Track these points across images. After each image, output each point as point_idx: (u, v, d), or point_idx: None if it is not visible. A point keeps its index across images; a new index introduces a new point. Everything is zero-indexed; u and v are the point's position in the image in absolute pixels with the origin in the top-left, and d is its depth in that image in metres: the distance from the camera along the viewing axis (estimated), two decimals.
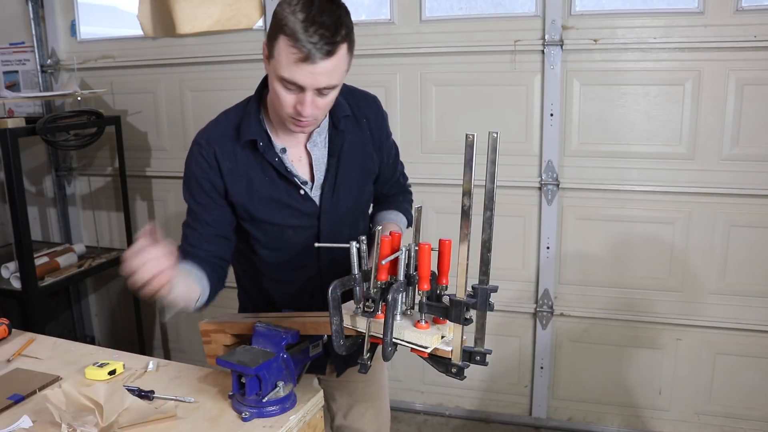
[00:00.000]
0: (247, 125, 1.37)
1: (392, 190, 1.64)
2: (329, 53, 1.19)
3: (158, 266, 1.09)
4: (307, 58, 1.18)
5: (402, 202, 1.64)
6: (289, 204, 1.40)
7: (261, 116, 1.39)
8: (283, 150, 1.38)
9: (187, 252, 1.37)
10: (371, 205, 1.60)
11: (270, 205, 1.39)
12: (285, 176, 1.38)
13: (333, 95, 1.29)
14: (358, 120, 1.46)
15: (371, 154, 1.49)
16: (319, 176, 1.42)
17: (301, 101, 1.24)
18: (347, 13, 1.25)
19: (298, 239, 1.43)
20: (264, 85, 1.40)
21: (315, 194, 1.42)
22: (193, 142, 1.41)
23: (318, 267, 1.47)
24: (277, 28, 1.21)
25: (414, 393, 2.92)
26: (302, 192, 1.40)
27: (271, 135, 1.38)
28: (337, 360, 1.56)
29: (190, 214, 1.42)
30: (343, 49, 1.22)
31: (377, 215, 1.60)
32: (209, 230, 1.39)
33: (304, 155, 1.42)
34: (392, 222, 1.55)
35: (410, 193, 1.71)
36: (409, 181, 1.71)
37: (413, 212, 1.17)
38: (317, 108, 1.27)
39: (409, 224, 1.60)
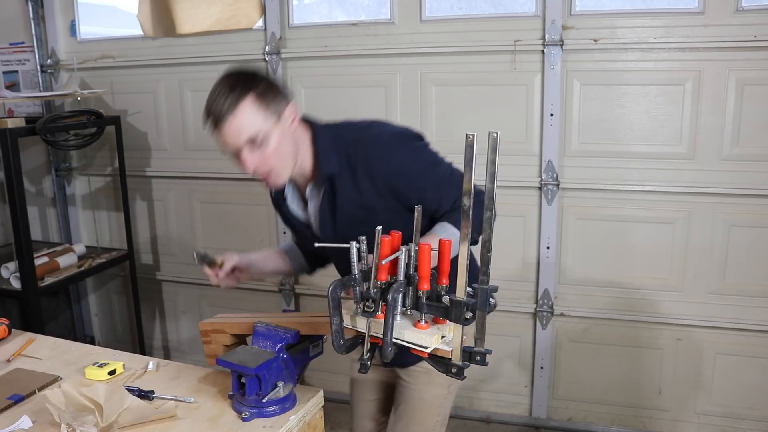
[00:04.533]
0: None
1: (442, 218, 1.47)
2: (228, 115, 1.31)
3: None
4: (214, 126, 1.34)
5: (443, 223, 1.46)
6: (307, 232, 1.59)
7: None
8: (285, 198, 1.56)
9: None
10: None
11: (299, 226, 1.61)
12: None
13: (271, 143, 1.35)
14: (352, 173, 1.42)
15: (377, 199, 1.43)
16: (316, 223, 1.52)
17: (241, 163, 1.38)
18: (247, 78, 1.35)
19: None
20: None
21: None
22: None
23: None
24: None
25: None
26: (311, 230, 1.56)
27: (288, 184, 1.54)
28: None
29: None
30: (245, 104, 1.31)
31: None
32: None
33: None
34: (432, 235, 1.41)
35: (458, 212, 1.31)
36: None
37: (414, 211, 1.16)
38: (262, 162, 1.36)
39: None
